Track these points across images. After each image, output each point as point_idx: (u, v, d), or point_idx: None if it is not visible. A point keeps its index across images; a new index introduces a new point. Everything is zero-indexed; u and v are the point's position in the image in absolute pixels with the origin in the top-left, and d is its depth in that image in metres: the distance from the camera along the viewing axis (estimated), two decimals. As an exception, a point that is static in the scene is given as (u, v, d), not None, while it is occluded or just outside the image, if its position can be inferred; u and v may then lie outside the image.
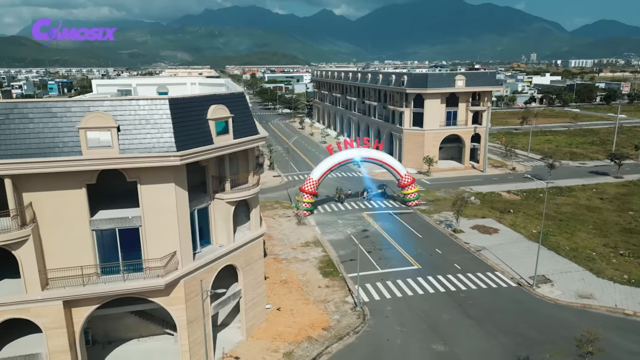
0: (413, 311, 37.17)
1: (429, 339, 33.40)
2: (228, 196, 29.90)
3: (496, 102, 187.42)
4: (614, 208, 61.34)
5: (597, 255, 46.79)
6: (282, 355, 31.49)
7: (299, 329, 34.52)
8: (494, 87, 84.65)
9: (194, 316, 28.45)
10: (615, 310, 36.67)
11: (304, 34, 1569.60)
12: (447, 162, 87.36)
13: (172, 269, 26.61)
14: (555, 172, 78.24)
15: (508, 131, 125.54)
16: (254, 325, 34.01)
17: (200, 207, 29.24)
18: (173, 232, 26.35)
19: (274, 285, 41.23)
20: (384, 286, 41.16)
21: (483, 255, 47.12)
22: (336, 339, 33.40)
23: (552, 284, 40.81)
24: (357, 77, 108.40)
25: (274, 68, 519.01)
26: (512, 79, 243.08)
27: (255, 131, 30.52)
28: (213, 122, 27.05)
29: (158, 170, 25.07)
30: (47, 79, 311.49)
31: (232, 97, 29.34)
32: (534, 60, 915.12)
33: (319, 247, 49.91)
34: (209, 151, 26.43)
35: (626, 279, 41.42)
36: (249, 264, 32.75)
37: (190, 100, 26.87)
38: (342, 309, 37.44)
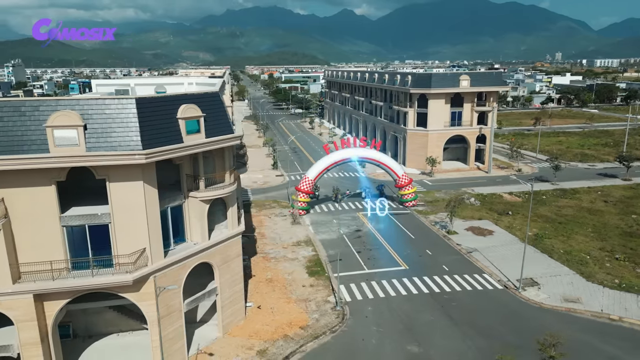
0: (393, 312, 37.05)
1: (405, 339, 33.27)
2: (201, 194, 30.32)
3: (512, 102, 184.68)
4: (617, 211, 59.94)
5: (591, 259, 45.85)
6: (255, 352, 31.77)
7: (276, 327, 34.78)
8: (500, 87, 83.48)
9: (165, 312, 28.94)
10: (600, 315, 35.91)
11: (324, 34, 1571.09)
12: (451, 163, 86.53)
13: (141, 265, 27.11)
14: (561, 174, 76.90)
15: (520, 132, 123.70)
16: (231, 322, 34.38)
17: (173, 205, 29.72)
18: (142, 230, 26.84)
19: (258, 284, 41.59)
20: (368, 286, 41.10)
21: (473, 257, 46.63)
22: (312, 338, 33.54)
23: (539, 287, 40.17)
24: (365, 77, 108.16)
25: (293, 68, 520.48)
26: (531, 79, 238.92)
27: (230, 130, 30.85)
28: (183, 121, 27.48)
29: (126, 168, 25.60)
30: (70, 79, 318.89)
31: (205, 97, 29.74)
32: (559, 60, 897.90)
33: (310, 246, 50.08)
34: (177, 150, 26.84)
35: (617, 284, 40.49)
36: (225, 262, 33.13)
37: (158, 99, 27.36)
38: (322, 308, 37.54)
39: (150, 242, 27.25)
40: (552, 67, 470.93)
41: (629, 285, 40.10)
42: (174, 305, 29.56)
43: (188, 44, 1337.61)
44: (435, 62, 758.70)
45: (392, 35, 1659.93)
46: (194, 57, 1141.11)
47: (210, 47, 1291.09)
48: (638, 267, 44.08)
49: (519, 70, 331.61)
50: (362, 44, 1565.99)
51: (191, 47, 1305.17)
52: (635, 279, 41.34)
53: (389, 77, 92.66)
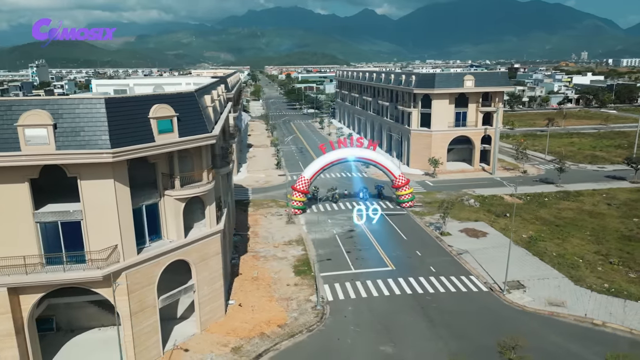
0: (373, 312, 37.06)
1: (380, 340, 33.26)
2: (176, 193, 30.90)
3: (528, 102, 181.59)
4: (619, 214, 58.60)
5: (583, 262, 45.00)
6: (230, 349, 32.20)
7: (254, 325, 35.16)
8: (505, 88, 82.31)
9: (138, 308, 29.57)
10: (583, 319, 35.28)
11: (345, 33, 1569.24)
12: (456, 164, 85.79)
13: (113, 261, 27.80)
14: (568, 176, 75.65)
15: (532, 133, 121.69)
16: (209, 319, 34.89)
17: (148, 202, 30.35)
18: (114, 227, 27.50)
19: (244, 282, 42.06)
20: (352, 286, 41.17)
21: (463, 259, 46.26)
22: (288, 336, 33.81)
23: (524, 290, 39.65)
24: (372, 77, 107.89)
25: (311, 68, 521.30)
26: (550, 78, 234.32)
27: (205, 130, 31.35)
28: (155, 120, 28.07)
29: (96, 166, 26.29)
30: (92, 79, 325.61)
31: (179, 97, 30.31)
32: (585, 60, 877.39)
33: (301, 245, 50.36)
34: (147, 149, 27.42)
35: (606, 288, 39.68)
36: (203, 259, 33.64)
37: (129, 99, 28.00)
38: (303, 307, 37.78)
39: (122, 239, 27.90)
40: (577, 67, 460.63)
41: (618, 290, 39.25)
42: (147, 301, 30.17)
43: (210, 45, 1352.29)
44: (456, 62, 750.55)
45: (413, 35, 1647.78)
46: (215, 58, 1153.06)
47: (231, 47, 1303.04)
48: (631, 271, 43.12)
49: (539, 70, 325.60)
50: (382, 43, 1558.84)
51: (213, 47, 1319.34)
52: (626, 284, 40.45)
53: (395, 78, 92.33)
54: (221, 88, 49.69)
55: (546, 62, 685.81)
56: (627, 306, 36.83)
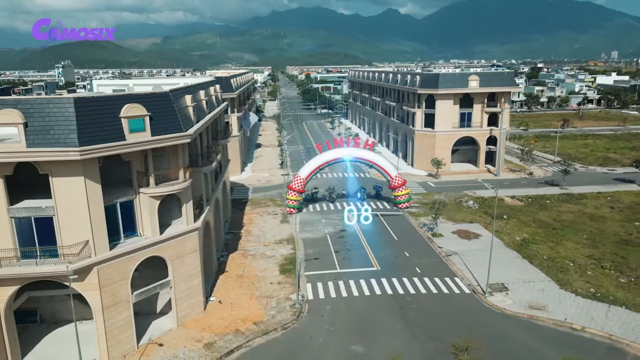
0: (351, 311, 37.18)
1: (352, 339, 33.37)
2: (151, 191, 31.64)
3: (547, 103, 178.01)
4: (621, 218, 57.18)
5: (574, 266, 44.14)
6: (203, 345, 32.78)
7: (230, 321, 35.67)
8: (511, 88, 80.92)
9: (110, 302, 30.41)
10: (562, 324, 34.68)
11: (368, 33, 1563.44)
12: (461, 165, 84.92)
13: (85, 256, 28.68)
14: (575, 178, 74.15)
15: (546, 134, 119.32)
16: (187, 315, 35.55)
17: (123, 200, 31.15)
18: (85, 223, 28.36)
19: (228, 279, 42.67)
20: (334, 285, 41.34)
21: (450, 261, 45.91)
22: (262, 333, 34.22)
23: (507, 293, 39.16)
24: (381, 77, 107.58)
25: (332, 68, 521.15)
26: (572, 78, 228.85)
27: (179, 129, 32.00)
28: (126, 120, 28.83)
29: (67, 164, 27.15)
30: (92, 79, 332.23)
31: (152, 97, 31.04)
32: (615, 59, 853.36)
33: (291, 244, 50.73)
34: (117, 147, 28.19)
35: (592, 293, 38.87)
36: (179, 256, 34.32)
37: (99, 99, 28.82)
38: (282, 305, 38.14)
39: (93, 235, 28.74)
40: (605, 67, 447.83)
41: (604, 295, 38.42)
42: (120, 295, 30.98)
43: (233, 45, 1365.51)
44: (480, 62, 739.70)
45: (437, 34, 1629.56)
46: (238, 58, 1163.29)
47: (254, 48, 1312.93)
48: (623, 276, 42.11)
49: (562, 69, 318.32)
50: (406, 43, 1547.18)
51: (236, 48, 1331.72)
52: (614, 289, 39.56)
53: (401, 78, 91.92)
54: (214, 88, 50.39)
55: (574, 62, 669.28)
56: (610, 311, 36.03)
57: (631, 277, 41.77)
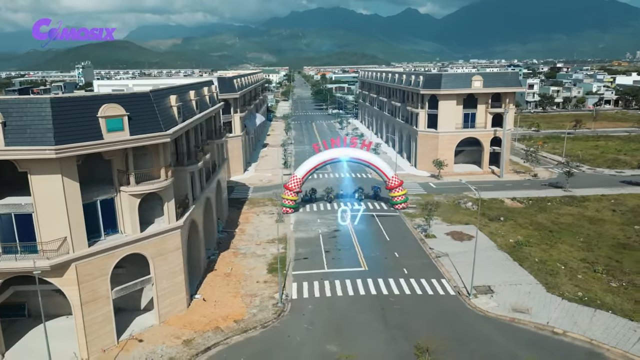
0: (332, 311, 37.28)
1: (329, 339, 33.46)
2: (131, 189, 32.25)
3: (562, 103, 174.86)
4: (621, 221, 56.01)
5: (565, 269, 43.46)
6: (181, 342, 33.26)
7: (212, 319, 36.11)
8: (515, 88, 79.76)
9: (90, 297, 31.09)
10: (544, 327, 34.22)
11: (387, 33, 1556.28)
12: (465, 166, 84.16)
13: (63, 252, 29.42)
14: (580, 181, 73.03)
15: (558, 135, 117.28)
16: (169, 312, 36.10)
17: (103, 198, 31.84)
18: (63, 220, 29.09)
19: (216, 277, 43.16)
20: (320, 285, 41.48)
21: (440, 262, 45.63)
22: (241, 331, 34.56)
23: (492, 296, 38.79)
24: (388, 78, 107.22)
25: (348, 68, 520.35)
26: (591, 78, 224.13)
27: (159, 129, 32.55)
28: (104, 119, 29.48)
29: (45, 162, 27.88)
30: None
31: (131, 97, 31.65)
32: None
33: (283, 244, 51.01)
34: (93, 146, 28.84)
35: (579, 297, 38.24)
36: (161, 254, 34.87)
37: (76, 99, 29.52)
38: (265, 304, 38.44)
39: (71, 232, 29.45)
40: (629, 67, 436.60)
41: (591, 299, 37.76)
42: (100, 291, 31.65)
43: (252, 46, 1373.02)
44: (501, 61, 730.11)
45: (457, 34, 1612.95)
46: (257, 59, 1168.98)
47: (273, 48, 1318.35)
48: (614, 280, 41.31)
49: (582, 69, 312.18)
50: (425, 43, 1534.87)
51: (255, 48, 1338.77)
52: (603, 293, 38.85)
53: (405, 78, 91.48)
54: (208, 88, 50.97)
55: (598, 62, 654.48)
56: (595, 316, 35.41)
57: (623, 282, 40.95)
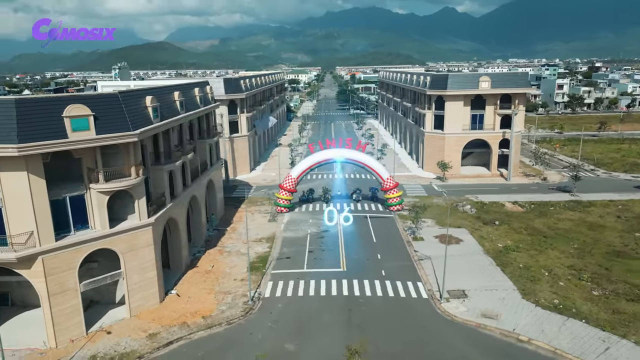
0: (300, 310, 37.58)
1: (289, 338, 33.78)
2: (99, 186, 33.54)
3: (594, 104, 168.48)
4: (623, 228, 53.80)
5: (549, 276, 42.22)
6: (147, 335, 34.30)
7: (181, 314, 37.03)
8: (525, 89, 77.54)
9: (57, 290, 32.51)
10: (509, 334, 33.46)
11: (423, 32, 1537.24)
12: (473, 169, 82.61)
13: (30, 246, 30.95)
14: (591, 185, 70.78)
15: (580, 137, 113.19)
16: (140, 306, 37.24)
17: (73, 194, 33.24)
18: (29, 214, 30.59)
19: (195, 274, 44.15)
20: (295, 285, 41.81)
21: (421, 265, 45.16)
22: (206, 327, 35.33)
23: (464, 300, 38.14)
24: (402, 78, 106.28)
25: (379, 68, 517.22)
26: (627, 78, 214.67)
27: (127, 129, 33.67)
28: (69, 119, 30.81)
29: (10, 159, 29.40)
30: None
31: (99, 98, 32.93)
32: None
33: (269, 243, 51.64)
34: (57, 145, 30.18)
35: (554, 304, 37.12)
36: (132, 250, 36.05)
37: (42, 100, 30.93)
38: (236, 301, 39.10)
39: (37, 226, 30.92)
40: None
41: (567, 307, 36.60)
42: (68, 284, 33.04)
43: (287, 46, 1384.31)
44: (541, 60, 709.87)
45: (496, 33, 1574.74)
46: (292, 59, 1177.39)
47: (307, 49, 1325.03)
48: (598, 288, 39.86)
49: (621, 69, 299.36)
50: (462, 42, 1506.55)
51: (290, 49, 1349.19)
52: (581, 301, 37.58)
53: (415, 79, 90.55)
54: (199, 89, 52.04)
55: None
56: (565, 324, 34.34)
57: (607, 290, 39.45)
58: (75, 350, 32.61)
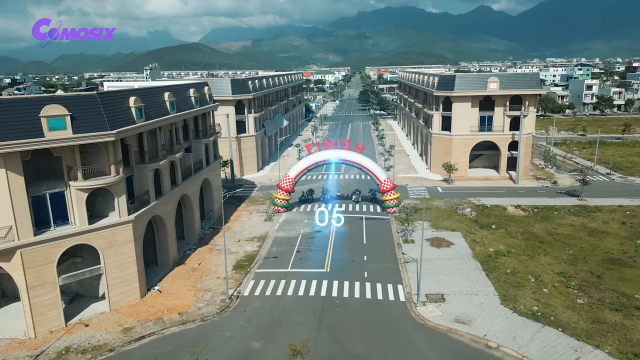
0: (274, 309, 37.88)
1: (257, 336, 34.11)
2: (77, 184, 34.74)
3: (624, 106, 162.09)
4: (625, 234, 51.81)
5: (534, 282, 41.14)
6: (121, 329, 35.31)
7: (158, 310, 37.93)
8: (535, 90, 75.38)
9: (36, 282, 33.87)
10: (478, 340, 32.84)
11: (456, 32, 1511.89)
12: (482, 171, 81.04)
13: (9, 240, 32.38)
14: (602, 189, 68.64)
15: (603, 140, 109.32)
16: (121, 300, 38.33)
17: (53, 191, 34.55)
18: (8, 210, 32.01)
19: (182, 271, 45.07)
20: (275, 284, 42.14)
21: (405, 268, 44.74)
22: (179, 323, 36.09)
23: (440, 304, 37.61)
24: (415, 79, 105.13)
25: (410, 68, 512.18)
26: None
27: (105, 128, 34.74)
28: (45, 119, 32.07)
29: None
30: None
31: (77, 98, 34.10)
32: None
33: (260, 242, 52.19)
34: (32, 143, 31.46)
35: (532, 311, 36.17)
36: (112, 246, 37.15)
37: (17, 100, 32.22)
38: (214, 299, 39.74)
39: (16, 221, 32.31)
40: None
41: (545, 315, 35.61)
42: (46, 277, 34.36)
43: (318, 47, 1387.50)
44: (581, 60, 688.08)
45: (534, 31, 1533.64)
46: (323, 59, 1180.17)
47: (339, 49, 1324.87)
48: (584, 296, 38.61)
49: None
50: (498, 41, 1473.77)
51: (321, 49, 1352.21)
52: (562, 309, 36.51)
53: (425, 79, 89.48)
54: (193, 90, 53.00)
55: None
56: (540, 332, 33.43)
57: (593, 299, 38.16)
58: (52, 341, 33.90)
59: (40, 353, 32.54)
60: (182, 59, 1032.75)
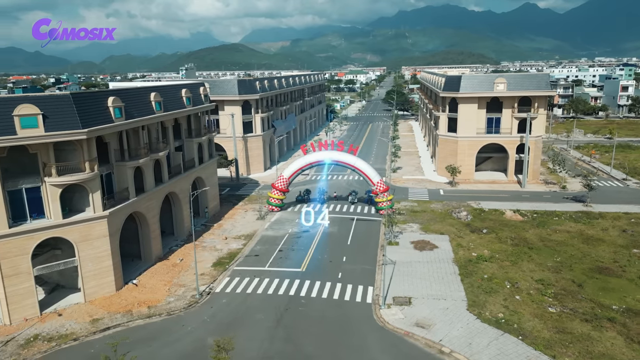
0: (239, 307, 38.49)
1: (216, 332, 34.68)
2: (52, 180, 36.45)
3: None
4: (622, 243, 49.55)
5: (510, 289, 40.04)
6: (91, 320, 36.77)
7: (129, 302, 39.25)
8: (544, 92, 72.86)
9: (11, 272, 35.75)
10: (433, 345, 32.36)
11: (499, 31, 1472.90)
12: (489, 174, 79.17)
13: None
14: (611, 195, 65.94)
15: (627, 144, 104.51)
16: (96, 292, 39.88)
17: (29, 186, 36.38)
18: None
19: (163, 266, 46.40)
20: (249, 282, 42.76)
21: (381, 270, 44.38)
22: (146, 316, 37.24)
23: (404, 308, 37.21)
24: (430, 80, 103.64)
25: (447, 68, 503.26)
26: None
27: (77, 127, 36.27)
28: (18, 117, 33.87)
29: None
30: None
31: (50, 98, 35.80)
32: None
33: (246, 240, 52.98)
34: (5, 140, 33.28)
35: (497, 318, 35.27)
36: (86, 240, 38.75)
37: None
38: (185, 294, 40.75)
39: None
40: None
41: (509, 322, 34.66)
42: (21, 268, 36.20)
43: (356, 47, 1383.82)
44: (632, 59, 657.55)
45: (582, 30, 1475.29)
46: (361, 59, 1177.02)
47: (376, 48, 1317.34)
48: (557, 305, 37.29)
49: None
50: (543, 40, 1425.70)
51: (359, 49, 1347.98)
52: (530, 317, 35.46)
53: (436, 80, 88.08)
54: (185, 90, 54.36)
55: None
56: (497, 339, 32.60)
57: (565, 308, 36.80)
58: (24, 328, 35.72)
59: (10, 339, 34.35)
60: (222, 59, 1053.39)
